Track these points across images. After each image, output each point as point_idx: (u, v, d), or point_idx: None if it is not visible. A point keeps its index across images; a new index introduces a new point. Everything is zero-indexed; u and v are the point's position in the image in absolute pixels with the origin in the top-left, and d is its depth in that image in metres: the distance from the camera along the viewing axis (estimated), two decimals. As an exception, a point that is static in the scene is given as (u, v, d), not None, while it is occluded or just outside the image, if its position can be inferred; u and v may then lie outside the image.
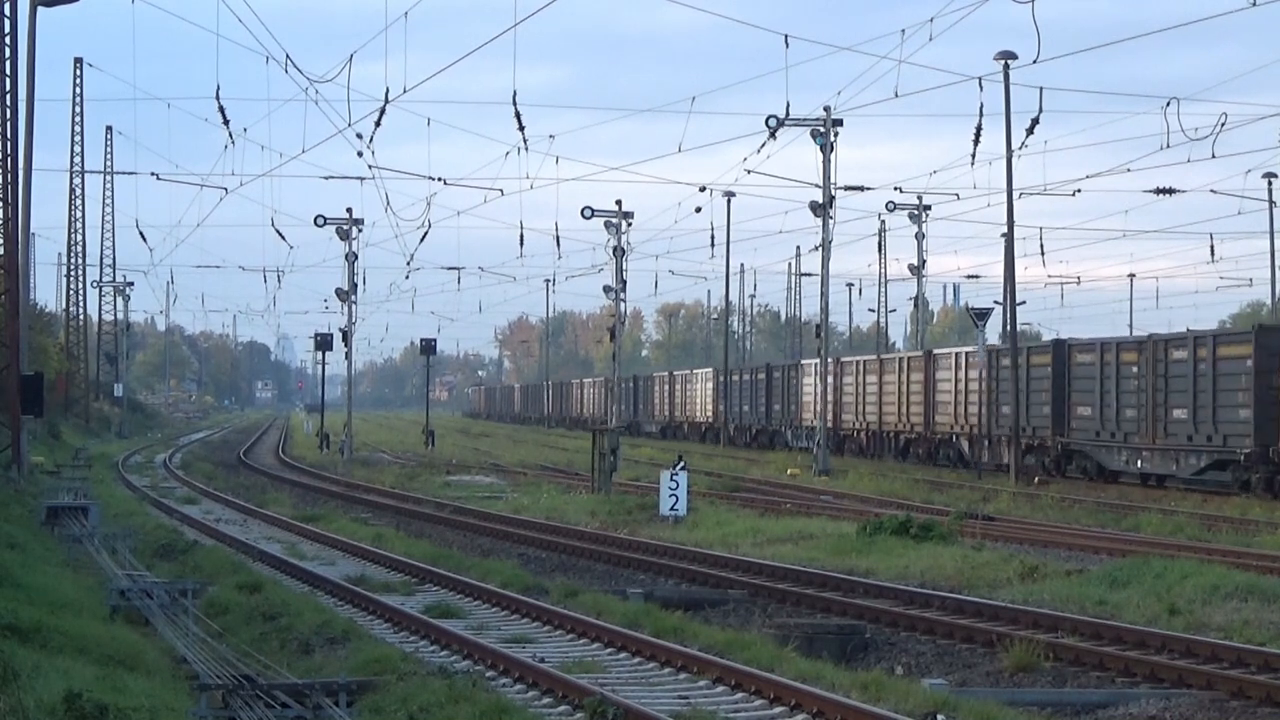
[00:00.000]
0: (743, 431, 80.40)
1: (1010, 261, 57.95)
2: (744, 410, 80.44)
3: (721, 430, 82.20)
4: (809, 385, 68.49)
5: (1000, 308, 63.44)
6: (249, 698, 14.66)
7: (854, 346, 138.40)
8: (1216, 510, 37.58)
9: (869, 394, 64.16)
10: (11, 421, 44.47)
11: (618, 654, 18.45)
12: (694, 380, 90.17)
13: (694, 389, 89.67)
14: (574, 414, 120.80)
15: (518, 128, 42.87)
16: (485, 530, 35.75)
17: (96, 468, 57.26)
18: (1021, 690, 17.05)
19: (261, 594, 22.56)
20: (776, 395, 75.35)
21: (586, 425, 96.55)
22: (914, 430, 60.23)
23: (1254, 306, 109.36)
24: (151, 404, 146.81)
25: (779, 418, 74.92)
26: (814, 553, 28.88)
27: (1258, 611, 20.78)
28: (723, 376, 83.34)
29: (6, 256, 44.72)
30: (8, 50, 44.74)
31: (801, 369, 71.85)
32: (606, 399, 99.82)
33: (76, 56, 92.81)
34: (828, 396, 59.17)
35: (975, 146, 48.59)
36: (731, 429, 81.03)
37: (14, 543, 27.07)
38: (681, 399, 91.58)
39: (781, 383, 74.51)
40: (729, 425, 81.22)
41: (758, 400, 78.31)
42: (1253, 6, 32.98)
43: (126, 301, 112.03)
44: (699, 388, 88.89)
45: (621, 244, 58.44)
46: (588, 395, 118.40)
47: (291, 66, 41.09)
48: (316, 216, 69.43)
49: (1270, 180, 75.41)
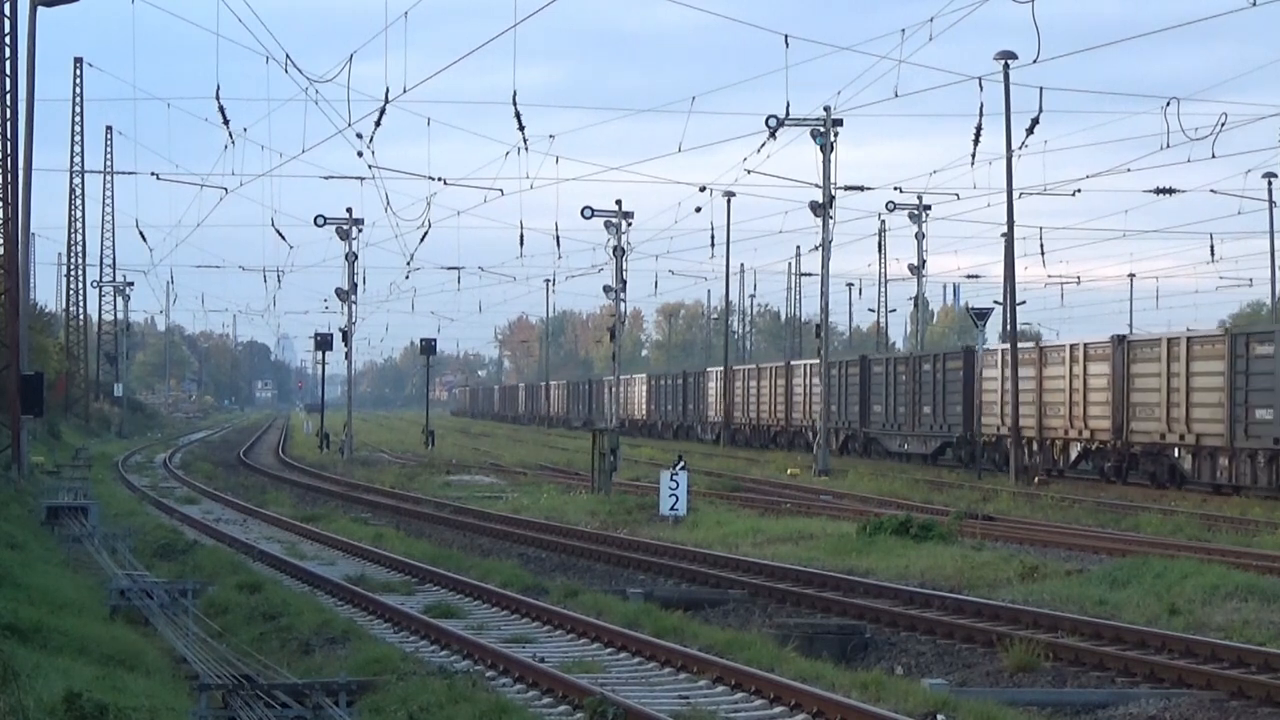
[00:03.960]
0: (668, 426, 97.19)
1: (1010, 261, 57.98)
2: (668, 409, 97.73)
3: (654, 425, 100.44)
4: (711, 389, 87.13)
5: (1000, 308, 63.48)
6: (249, 698, 14.66)
7: (854, 346, 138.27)
8: (1216, 510, 37.59)
9: (751, 395, 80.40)
10: (11, 421, 44.47)
11: (618, 654, 18.46)
12: (632, 384, 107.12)
13: (632, 391, 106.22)
14: (543, 412, 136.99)
15: (518, 127, 42.94)
16: (485, 530, 35.76)
17: (96, 468, 57.24)
18: (1021, 690, 17.05)
19: (261, 594, 22.56)
20: (690, 396, 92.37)
21: (553, 422, 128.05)
22: (779, 424, 75.77)
23: (1254, 306, 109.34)
24: (151, 404, 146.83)
25: (691, 414, 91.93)
26: (814, 553, 28.88)
27: (1258, 611, 20.78)
28: (653, 381, 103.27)
29: (6, 256, 44.72)
30: (8, 50, 44.75)
31: (705, 375, 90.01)
32: (568, 399, 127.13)
33: (76, 56, 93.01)
34: (824, 395, 59.85)
35: (975, 146, 48.66)
36: (659, 424, 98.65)
37: (14, 543, 27.07)
38: (624, 399, 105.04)
39: (695, 386, 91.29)
40: (659, 423, 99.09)
41: (678, 400, 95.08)
42: (1252, 6, 33.01)
43: (126, 301, 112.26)
44: (636, 390, 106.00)
45: (621, 244, 58.56)
46: (555, 396, 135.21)
47: (291, 66, 41.14)
48: (316, 216, 69.61)
49: (1270, 180, 75.44)
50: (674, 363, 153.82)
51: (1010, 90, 50.66)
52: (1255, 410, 40.15)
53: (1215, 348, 41.96)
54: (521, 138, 44.48)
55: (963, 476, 51.93)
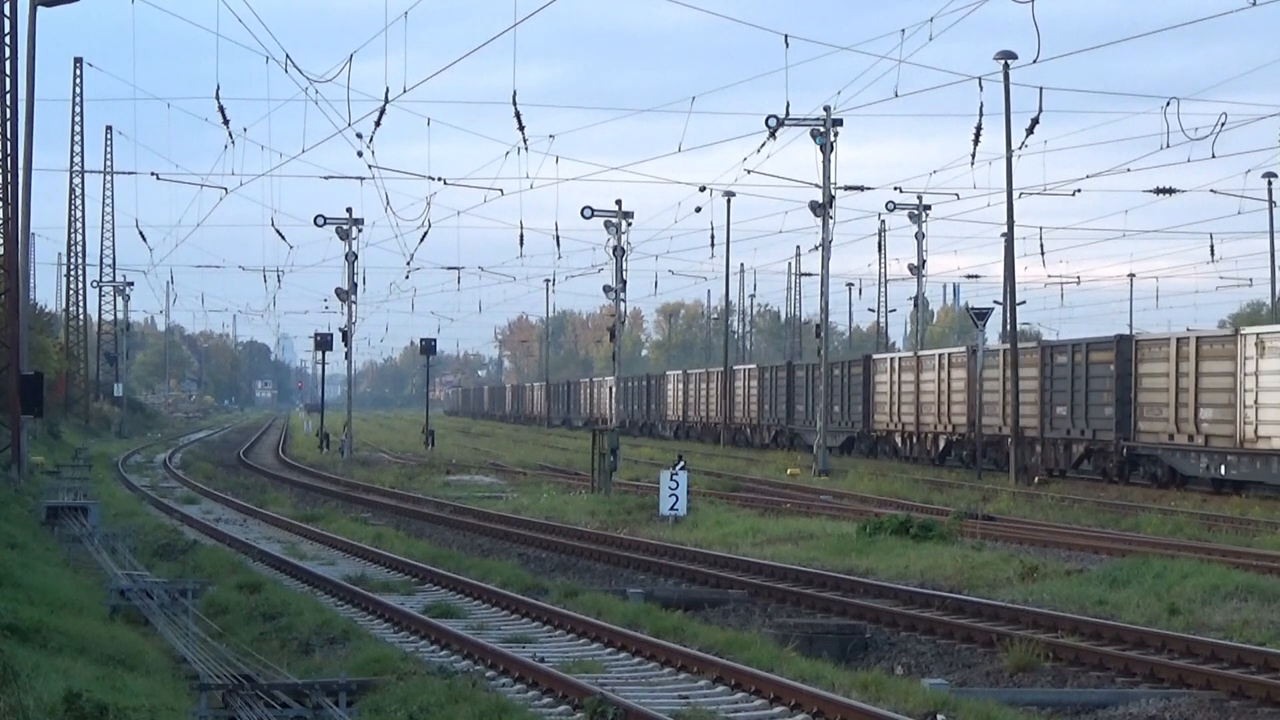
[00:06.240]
0: (634, 424, 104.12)
1: (1010, 261, 57.96)
2: (634, 408, 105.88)
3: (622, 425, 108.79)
4: (670, 390, 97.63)
5: (1000, 308, 63.46)
6: (249, 697, 14.66)
7: (854, 346, 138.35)
8: (1216, 510, 37.60)
9: (703, 396, 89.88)
10: (11, 421, 44.46)
11: (618, 654, 18.45)
12: (602, 385, 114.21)
13: (601, 392, 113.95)
14: (527, 412, 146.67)
15: (518, 127, 42.92)
16: (485, 530, 35.75)
17: (96, 467, 57.21)
18: (1021, 690, 17.05)
19: (261, 594, 22.56)
20: (652, 398, 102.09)
21: (535, 420, 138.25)
22: (724, 421, 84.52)
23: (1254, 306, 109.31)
24: (151, 404, 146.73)
25: (654, 414, 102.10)
26: (814, 552, 28.88)
27: (1258, 611, 20.78)
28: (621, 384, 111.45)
29: (6, 256, 44.71)
30: (8, 50, 44.74)
31: (664, 379, 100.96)
32: (548, 400, 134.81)
33: (76, 56, 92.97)
34: (825, 394, 59.96)
35: (975, 146, 48.62)
36: (627, 423, 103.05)
37: (14, 542, 27.06)
38: (597, 400, 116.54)
39: (655, 389, 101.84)
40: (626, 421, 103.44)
41: (642, 401, 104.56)
42: (1252, 6, 33.01)
43: (126, 301, 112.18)
44: (605, 391, 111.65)
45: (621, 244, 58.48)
46: (537, 396, 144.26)
47: (291, 66, 41.11)
48: (316, 216, 69.56)
49: (1270, 180, 75.43)
50: (674, 363, 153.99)
51: (1010, 90, 50.71)
52: (1057, 409, 50.00)
53: (1031, 357, 51.85)
54: (521, 138, 44.51)
55: (963, 476, 51.95)
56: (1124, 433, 46.21)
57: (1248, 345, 40.68)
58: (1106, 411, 47.09)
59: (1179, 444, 43.59)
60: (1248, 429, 40.48)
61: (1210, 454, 42.23)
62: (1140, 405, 45.37)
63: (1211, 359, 42.23)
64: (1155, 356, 44.86)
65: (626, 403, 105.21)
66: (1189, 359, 42.94)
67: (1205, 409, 42.35)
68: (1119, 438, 46.44)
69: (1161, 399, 44.27)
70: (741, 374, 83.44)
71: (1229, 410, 41.21)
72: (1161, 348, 44.75)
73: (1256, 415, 40.17)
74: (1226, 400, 41.33)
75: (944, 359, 58.99)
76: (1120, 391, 46.21)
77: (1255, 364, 40.35)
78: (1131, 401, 45.73)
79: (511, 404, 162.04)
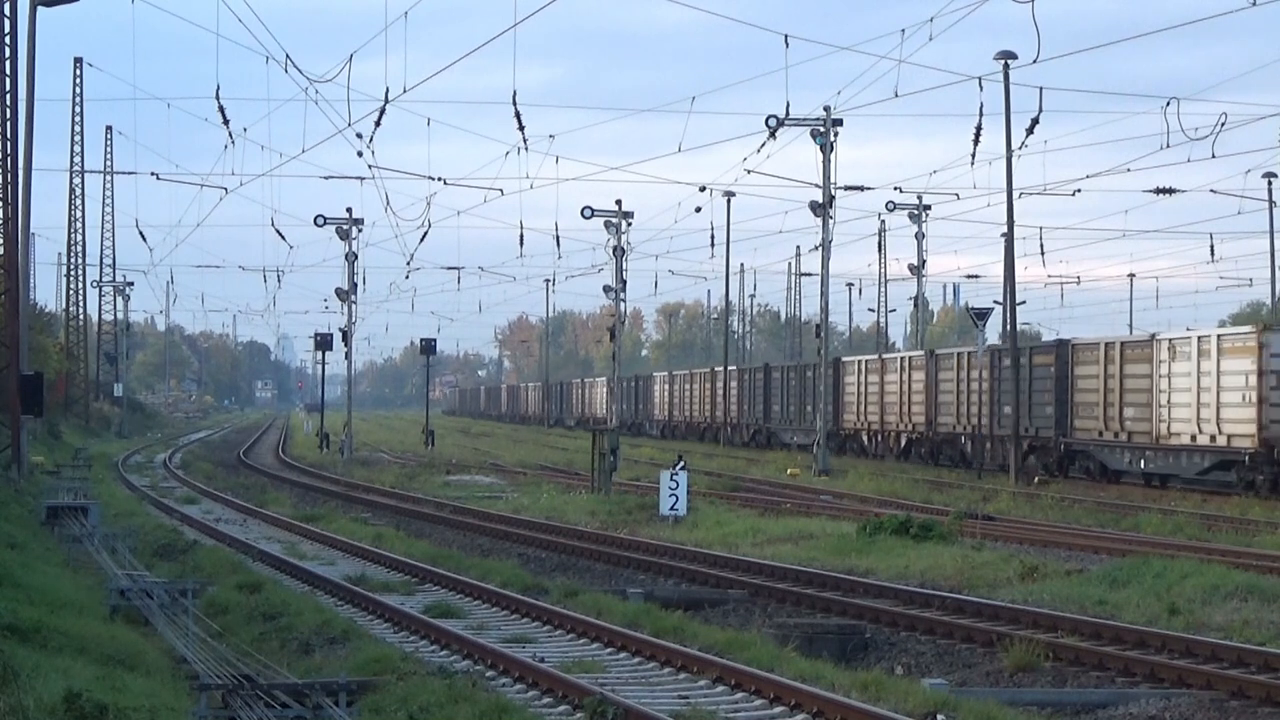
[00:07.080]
0: (624, 424, 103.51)
1: (1010, 261, 57.94)
2: (624, 408, 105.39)
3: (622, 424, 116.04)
4: (656, 391, 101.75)
5: (1000, 308, 63.44)
6: (249, 697, 14.66)
7: (854, 346, 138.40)
8: (1217, 510, 37.61)
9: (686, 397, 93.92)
10: (11, 421, 44.46)
11: (618, 654, 18.45)
12: (596, 386, 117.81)
13: (594, 392, 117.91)
14: (523, 412, 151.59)
15: (517, 127, 42.95)
16: (485, 530, 35.75)
17: (96, 467, 57.21)
18: (1021, 690, 17.05)
19: (261, 594, 22.56)
20: (641, 398, 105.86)
21: (524, 419, 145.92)
22: (705, 420, 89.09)
23: (1254, 306, 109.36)
24: (151, 404, 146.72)
25: (642, 413, 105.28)
26: (814, 553, 28.88)
27: (1258, 611, 20.78)
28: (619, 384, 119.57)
29: (6, 256, 44.71)
30: (8, 50, 44.73)
31: (651, 379, 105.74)
32: (542, 400, 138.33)
33: (76, 56, 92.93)
34: (826, 394, 59.98)
35: (975, 146, 48.66)
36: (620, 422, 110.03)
37: (14, 542, 27.07)
38: (589, 400, 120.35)
39: (644, 389, 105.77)
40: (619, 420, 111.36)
41: (632, 401, 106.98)
42: (1253, 6, 33.01)
43: (126, 301, 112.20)
44: (599, 391, 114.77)
45: (621, 244, 58.56)
46: (531, 396, 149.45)
47: (291, 66, 41.12)
48: (316, 216, 69.59)
49: (1270, 180, 75.36)
50: (674, 363, 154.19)
51: (1010, 90, 50.70)
52: (1004, 408, 52.87)
53: (982, 360, 54.40)
54: (521, 138, 44.54)
55: (963, 476, 51.96)
56: (1062, 430, 49.36)
57: (1162, 350, 44.04)
58: (1047, 411, 50.08)
59: (1107, 440, 47.05)
60: (1162, 426, 43.96)
61: (1133, 449, 45.63)
62: (1076, 405, 48.71)
63: (1133, 362, 45.70)
64: (1088, 360, 48.16)
65: (620, 402, 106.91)
66: (1115, 362, 46.39)
67: (1128, 408, 45.76)
68: (1058, 435, 49.55)
69: (1093, 399, 47.59)
70: (722, 375, 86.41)
71: (1147, 409, 44.56)
72: (1093, 352, 47.94)
73: (1169, 414, 43.62)
74: (1145, 400, 44.77)
75: (905, 361, 61.77)
76: (1059, 392, 49.36)
77: (1168, 367, 43.74)
78: (1068, 401, 48.89)
79: (508, 404, 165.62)
